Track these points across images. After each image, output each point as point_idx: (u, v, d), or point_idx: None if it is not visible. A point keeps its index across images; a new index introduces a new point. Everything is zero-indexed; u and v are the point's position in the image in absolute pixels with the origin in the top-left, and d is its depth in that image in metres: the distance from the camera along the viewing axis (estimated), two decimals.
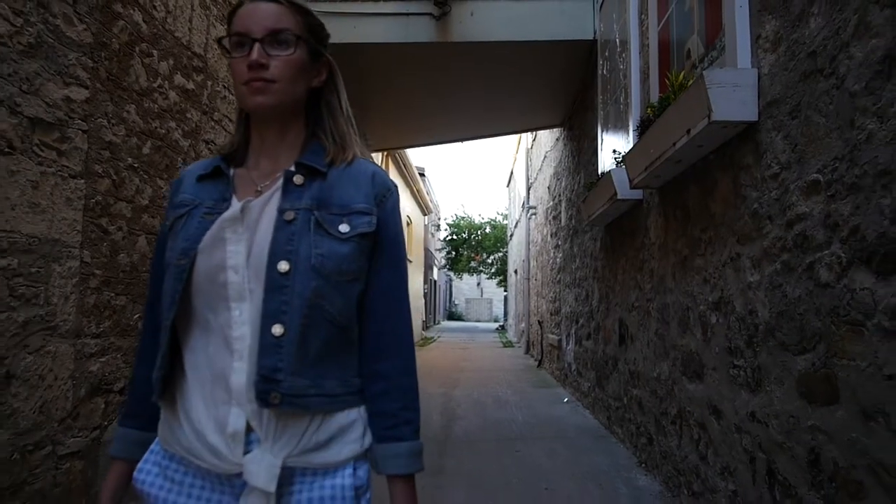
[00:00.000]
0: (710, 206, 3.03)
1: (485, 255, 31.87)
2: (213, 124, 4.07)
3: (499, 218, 31.32)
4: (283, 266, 0.96)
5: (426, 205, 20.48)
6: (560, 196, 8.96)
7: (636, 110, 4.19)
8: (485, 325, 36.77)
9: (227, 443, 0.95)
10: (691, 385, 3.29)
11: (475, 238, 31.85)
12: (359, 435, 1.03)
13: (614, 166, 4.51)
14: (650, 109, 3.45)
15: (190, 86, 3.75)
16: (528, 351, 13.72)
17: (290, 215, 0.99)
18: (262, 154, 1.08)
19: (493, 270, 32.05)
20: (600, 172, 5.22)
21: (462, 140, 10.47)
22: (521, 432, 5.51)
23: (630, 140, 4.20)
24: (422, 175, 20.40)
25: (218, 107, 4.13)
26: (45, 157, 2.52)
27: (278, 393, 0.94)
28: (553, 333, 9.60)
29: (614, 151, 4.63)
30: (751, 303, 2.58)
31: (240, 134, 1.12)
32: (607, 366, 5.54)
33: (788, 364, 2.26)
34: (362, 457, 1.04)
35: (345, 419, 1.02)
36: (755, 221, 2.55)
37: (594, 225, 5.77)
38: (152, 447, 1.07)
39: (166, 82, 3.48)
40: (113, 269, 3.01)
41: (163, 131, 3.44)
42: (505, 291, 30.92)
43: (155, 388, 1.03)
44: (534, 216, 12.98)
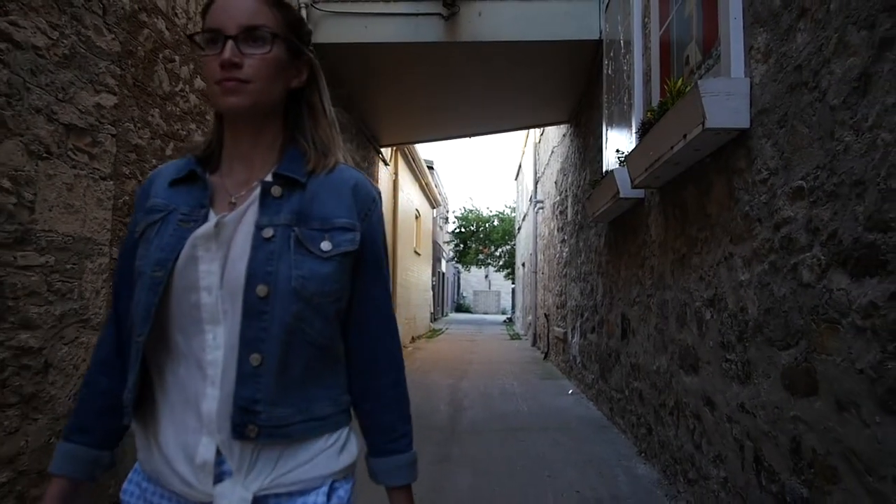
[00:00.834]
0: (707, 207, 3.17)
1: (493, 248, 31.99)
2: None
3: (507, 211, 31.43)
4: (262, 290, 0.91)
5: (434, 198, 20.61)
6: (567, 191, 9.09)
7: (638, 111, 4.32)
8: (492, 318, 36.96)
9: (196, 473, 0.91)
10: (687, 378, 3.44)
11: (483, 231, 31.98)
12: (336, 452, 0.99)
13: (617, 165, 4.65)
14: (650, 113, 3.58)
15: None
16: (535, 343, 13.89)
17: (269, 232, 0.94)
18: (236, 158, 1.02)
19: (501, 263, 32.20)
20: (604, 171, 5.35)
21: (470, 136, 10.60)
22: (526, 422, 5.68)
23: (632, 140, 4.33)
24: (430, 168, 20.54)
25: None
26: (78, 161, 2.70)
27: (256, 425, 0.90)
28: (559, 326, 9.76)
29: (617, 151, 4.76)
30: (742, 300, 2.72)
31: (214, 136, 1.05)
32: (610, 359, 5.70)
33: (774, 358, 2.41)
34: (342, 475, 1.01)
35: (325, 442, 0.98)
36: (746, 223, 2.69)
37: (598, 221, 5.91)
38: (136, 466, 1.01)
39: (187, 86, 3.65)
40: None
41: (184, 133, 3.61)
42: (513, 284, 31.07)
43: (127, 411, 0.96)
44: (541, 210, 13.11)
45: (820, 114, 2.12)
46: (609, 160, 5.25)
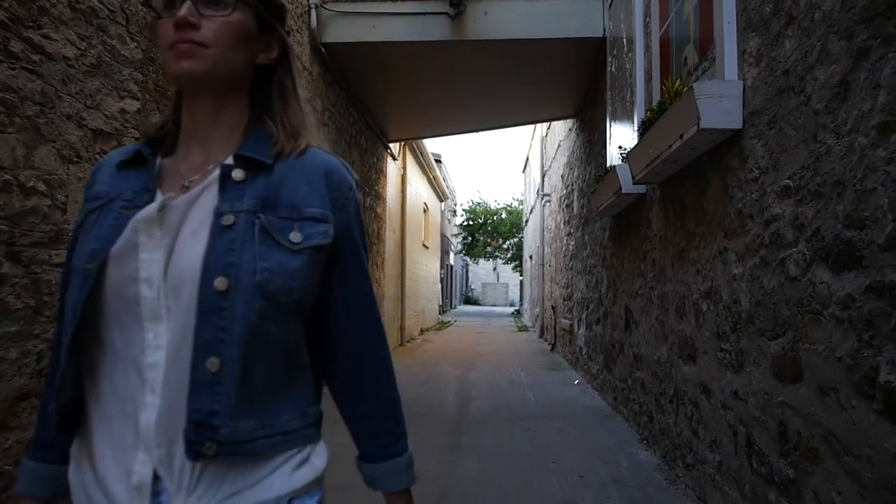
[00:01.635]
0: (703, 203, 3.30)
1: (501, 241, 32.12)
2: None
3: (514, 203, 31.51)
4: (222, 284, 0.80)
5: (442, 191, 20.74)
6: (573, 185, 9.21)
7: (640, 109, 4.44)
8: (500, 310, 37.13)
9: (131, 496, 0.80)
10: (686, 367, 3.58)
11: (491, 223, 32.09)
12: (292, 467, 0.88)
13: (620, 161, 4.77)
14: (650, 112, 3.71)
15: None
16: (543, 335, 14.03)
17: (230, 219, 0.83)
18: (194, 139, 0.92)
19: (509, 255, 32.33)
20: (608, 166, 5.47)
21: (477, 131, 10.73)
22: (533, 412, 5.83)
23: (634, 137, 4.45)
24: (438, 161, 20.65)
25: None
26: None
27: (214, 442, 0.79)
28: (566, 318, 9.89)
29: (620, 147, 4.88)
30: (735, 293, 2.86)
31: (171, 115, 0.95)
32: (614, 349, 5.84)
33: (764, 348, 2.55)
34: (304, 490, 0.89)
35: (281, 458, 0.87)
36: (739, 219, 2.82)
37: (603, 215, 6.03)
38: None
39: None
40: None
41: None
42: (521, 276, 31.20)
43: (52, 421, 0.86)
44: (548, 203, 13.23)
45: (805, 117, 2.24)
46: (612, 156, 5.37)
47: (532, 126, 16.02)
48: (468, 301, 45.13)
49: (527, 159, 20.46)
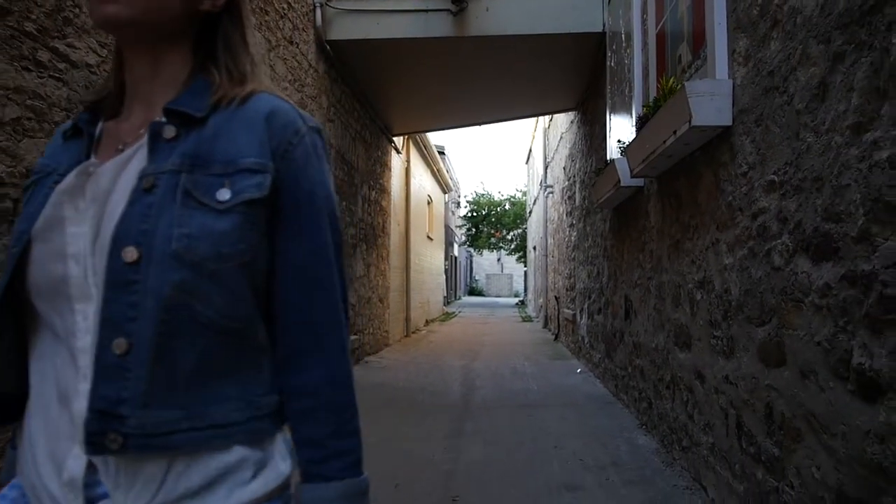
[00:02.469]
0: (697, 197, 3.43)
1: (504, 232, 32.26)
2: None
3: (518, 195, 31.63)
4: (130, 254, 0.71)
5: (446, 183, 20.86)
6: (574, 177, 9.33)
7: (638, 104, 4.56)
8: (505, 300, 37.32)
9: (64, 492, 0.72)
10: (682, 354, 3.72)
11: (495, 215, 32.23)
12: (248, 473, 0.77)
13: (619, 155, 4.89)
14: (646, 108, 3.83)
15: None
16: (546, 325, 14.18)
17: (149, 181, 0.74)
18: (135, 97, 0.83)
19: (513, 246, 32.48)
20: (608, 159, 5.59)
21: (480, 124, 10.85)
22: (536, 400, 5.99)
23: (632, 131, 4.57)
24: (441, 153, 20.77)
25: None
26: None
27: (119, 434, 0.69)
28: (568, 308, 10.04)
29: (619, 141, 5.01)
30: (726, 282, 2.99)
31: (113, 74, 0.87)
32: (615, 338, 5.98)
33: (752, 334, 2.69)
34: (266, 499, 0.77)
35: (231, 456, 0.76)
36: (730, 212, 2.95)
37: (603, 207, 6.16)
38: (14, 480, 0.82)
39: None
40: None
41: None
42: (525, 267, 31.35)
43: None
44: (551, 195, 13.34)
45: (788, 116, 2.37)
46: (612, 149, 5.49)
47: (535, 118, 16.10)
48: (472, 292, 45.33)
49: (530, 150, 20.55)
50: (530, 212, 21.88)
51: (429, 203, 17.12)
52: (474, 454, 4.13)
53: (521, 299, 32.30)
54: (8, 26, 2.29)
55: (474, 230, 32.86)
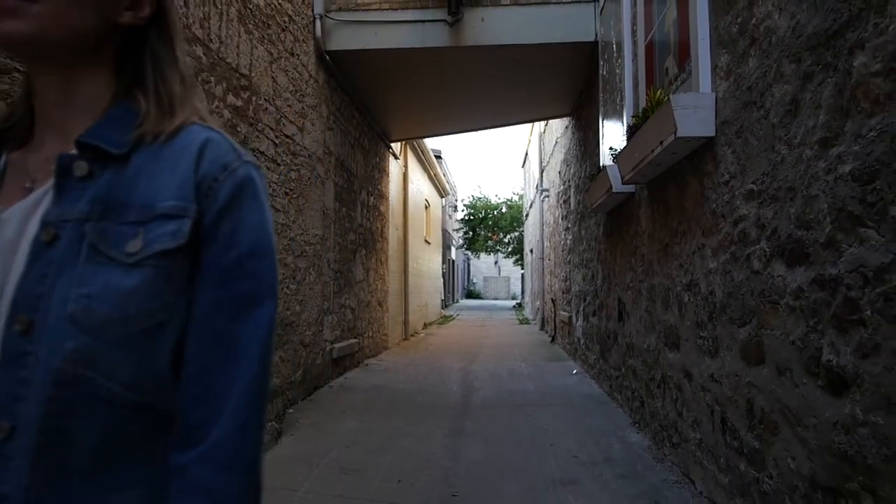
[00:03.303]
0: (684, 203, 3.59)
1: (501, 235, 32.43)
2: (258, 134, 4.68)
3: (514, 198, 31.80)
4: (21, 322, 0.63)
5: (443, 187, 21.02)
6: (570, 181, 9.49)
7: (628, 113, 4.72)
8: (502, 303, 37.46)
9: None
10: (671, 354, 3.87)
11: (492, 218, 32.40)
12: None
13: (611, 162, 5.05)
14: (636, 118, 3.99)
15: (238, 103, 4.36)
16: (543, 327, 14.33)
17: (50, 233, 0.65)
18: (46, 125, 0.73)
19: (510, 249, 32.64)
20: (601, 165, 5.75)
21: (477, 130, 11.02)
22: (533, 400, 6.14)
23: (624, 139, 4.73)
24: (438, 158, 20.93)
25: (261, 118, 4.74)
26: None
27: None
28: (565, 310, 10.20)
29: (611, 148, 5.17)
30: (711, 285, 3.15)
31: (22, 97, 0.76)
32: (609, 339, 6.14)
33: (734, 334, 2.84)
34: None
35: None
36: (714, 218, 3.11)
37: (597, 212, 6.32)
38: None
39: (221, 103, 4.09)
40: None
41: None
42: (522, 270, 31.51)
43: None
44: (547, 198, 13.51)
45: (764, 129, 2.53)
46: (605, 155, 5.65)
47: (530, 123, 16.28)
48: (470, 295, 45.47)
49: (526, 154, 20.72)
50: (527, 215, 22.04)
51: (426, 207, 17.27)
52: (473, 452, 4.27)
53: (519, 302, 32.47)
54: None
55: (471, 233, 33.02)
